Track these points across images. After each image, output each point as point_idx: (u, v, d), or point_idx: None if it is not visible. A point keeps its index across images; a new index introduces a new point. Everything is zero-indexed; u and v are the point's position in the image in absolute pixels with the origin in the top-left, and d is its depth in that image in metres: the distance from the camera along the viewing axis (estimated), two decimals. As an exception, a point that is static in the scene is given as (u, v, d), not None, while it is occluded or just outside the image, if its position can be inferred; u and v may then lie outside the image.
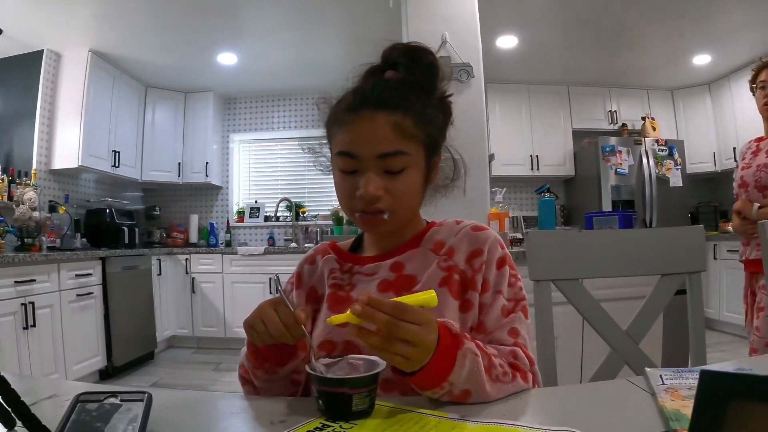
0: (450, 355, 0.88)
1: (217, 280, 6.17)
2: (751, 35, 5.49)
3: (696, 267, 1.54)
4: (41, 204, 5.04)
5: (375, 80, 1.14)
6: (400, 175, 1.07)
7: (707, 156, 6.96)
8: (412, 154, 1.08)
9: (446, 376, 0.87)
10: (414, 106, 1.08)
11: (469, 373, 0.89)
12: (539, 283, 1.48)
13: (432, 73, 1.14)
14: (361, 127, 1.06)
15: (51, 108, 5.43)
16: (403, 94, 1.08)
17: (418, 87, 1.11)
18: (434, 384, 0.88)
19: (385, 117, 1.05)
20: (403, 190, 1.08)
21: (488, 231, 1.19)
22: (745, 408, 0.46)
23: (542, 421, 0.84)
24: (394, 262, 1.17)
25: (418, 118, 1.08)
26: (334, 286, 1.19)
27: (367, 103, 1.07)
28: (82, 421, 0.74)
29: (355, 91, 1.12)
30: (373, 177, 1.05)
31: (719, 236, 6.16)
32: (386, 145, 1.05)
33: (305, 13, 4.95)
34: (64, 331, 4.24)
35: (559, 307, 1.51)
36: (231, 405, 0.98)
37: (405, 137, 1.06)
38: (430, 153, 1.14)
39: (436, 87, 1.15)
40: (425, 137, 1.10)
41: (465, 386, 0.90)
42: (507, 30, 5.40)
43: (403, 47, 1.15)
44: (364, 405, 0.84)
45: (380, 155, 1.05)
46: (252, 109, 7.41)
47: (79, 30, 5.10)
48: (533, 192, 7.06)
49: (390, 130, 1.05)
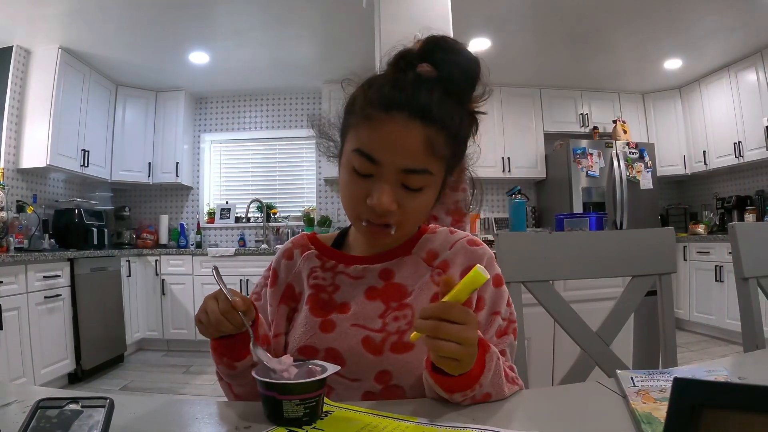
0: (481, 357, 0.88)
1: (187, 281, 6.10)
2: (722, 40, 5.58)
3: (666, 268, 1.55)
4: (9, 204, 4.95)
5: (414, 78, 1.00)
6: (418, 193, 1.00)
7: (677, 159, 7.07)
8: (435, 175, 1.00)
9: (478, 377, 0.87)
10: (450, 121, 0.99)
11: (493, 375, 0.90)
12: (510, 284, 1.46)
13: (472, 84, 1.04)
14: (391, 132, 0.96)
15: (19, 106, 5.32)
16: (443, 105, 0.98)
17: (454, 95, 1.01)
18: (466, 387, 0.87)
19: (419, 128, 0.95)
20: (416, 208, 1.02)
21: (484, 247, 1.16)
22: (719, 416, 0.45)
23: (512, 425, 0.83)
24: (384, 268, 1.13)
25: (451, 138, 1.00)
26: (316, 286, 1.14)
27: (404, 106, 0.96)
28: (42, 428, 0.72)
29: (390, 84, 1.00)
30: (389, 189, 0.97)
31: (689, 238, 6.25)
32: (413, 160, 0.96)
33: (277, 12, 4.92)
34: (32, 334, 4.15)
35: (529, 309, 1.51)
36: (196, 410, 0.95)
37: (434, 155, 0.97)
38: (449, 172, 1.07)
39: (470, 99, 1.06)
40: (451, 158, 1.03)
41: (488, 389, 0.91)
42: (480, 32, 5.42)
43: (449, 46, 1.03)
44: (297, 413, 0.82)
45: (404, 170, 0.97)
46: (223, 109, 7.35)
47: (50, 26, 5.00)
48: (504, 194, 7.10)
49: (421, 144, 0.96)
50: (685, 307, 6.24)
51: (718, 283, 5.69)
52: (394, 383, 1.02)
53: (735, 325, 5.26)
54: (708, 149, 6.66)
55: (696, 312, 6.11)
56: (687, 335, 6.05)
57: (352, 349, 1.04)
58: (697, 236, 6.22)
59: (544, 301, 1.49)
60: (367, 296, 1.10)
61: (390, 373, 1.02)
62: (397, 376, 1.02)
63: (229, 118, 7.34)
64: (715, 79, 6.48)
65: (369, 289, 1.11)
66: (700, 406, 0.46)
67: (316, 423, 0.83)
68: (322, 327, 1.07)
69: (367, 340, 1.04)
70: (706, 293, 5.92)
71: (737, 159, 6.15)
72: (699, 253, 6.03)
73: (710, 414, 0.45)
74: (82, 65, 5.79)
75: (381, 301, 1.08)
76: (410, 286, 1.10)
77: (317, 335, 1.06)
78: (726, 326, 5.59)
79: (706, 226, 6.52)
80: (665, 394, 0.91)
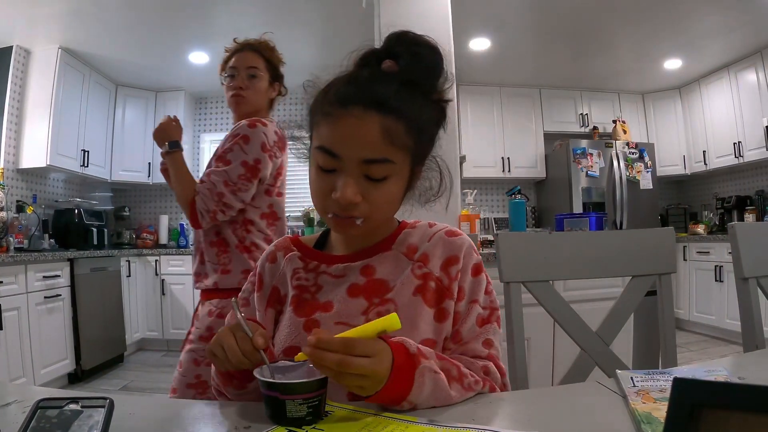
0: (407, 375, 0.86)
1: (187, 281, 6.06)
2: (722, 40, 5.59)
3: (666, 268, 1.55)
4: (8, 204, 4.95)
5: (371, 72, 1.03)
6: (382, 183, 1.00)
7: (677, 159, 7.08)
8: (398, 163, 1.00)
9: (405, 396, 0.86)
10: (409, 110, 0.99)
11: (431, 391, 0.89)
12: (510, 284, 1.47)
13: (434, 74, 1.05)
14: (348, 126, 0.97)
15: (19, 106, 5.32)
16: (400, 95, 0.99)
17: (415, 86, 1.02)
18: (394, 403, 0.87)
19: (375, 118, 0.96)
20: (382, 199, 1.02)
21: (463, 236, 1.16)
22: (719, 416, 0.45)
23: (512, 425, 0.83)
24: (365, 265, 1.12)
25: (410, 125, 0.99)
26: (299, 287, 1.14)
27: (359, 98, 0.97)
28: (42, 428, 0.72)
29: (348, 81, 1.02)
30: (352, 182, 0.98)
31: (689, 238, 6.26)
32: (372, 150, 0.97)
33: (277, 12, 4.92)
34: (32, 334, 4.15)
35: (529, 309, 1.50)
36: (195, 411, 0.95)
37: (393, 144, 0.98)
38: (416, 162, 1.07)
39: (435, 89, 1.06)
40: (414, 146, 1.02)
41: (430, 403, 0.90)
42: (480, 32, 5.42)
43: (409, 39, 1.05)
44: (300, 413, 0.81)
45: (364, 160, 0.97)
46: (223, 109, 7.32)
47: (50, 26, 5.00)
48: (504, 194, 7.11)
49: (379, 134, 0.96)
50: (685, 307, 6.24)
51: (718, 283, 5.69)
52: None
53: (735, 325, 5.25)
54: (708, 149, 6.66)
55: (696, 312, 6.12)
56: (687, 335, 6.06)
57: None
58: (697, 236, 6.22)
59: (544, 301, 1.48)
60: (349, 293, 1.09)
61: None
62: None
63: (229, 118, 7.30)
64: (715, 79, 6.48)
65: (351, 287, 1.10)
66: (700, 406, 0.46)
67: (317, 423, 0.82)
68: (306, 327, 1.07)
69: None
70: (706, 293, 5.92)
71: (737, 159, 6.15)
72: (699, 253, 6.04)
73: (710, 414, 0.45)
74: (82, 65, 5.78)
75: (363, 297, 1.08)
76: (392, 281, 1.09)
77: (301, 335, 1.06)
78: (726, 326, 5.60)
79: (706, 226, 6.53)
80: (665, 394, 0.91)
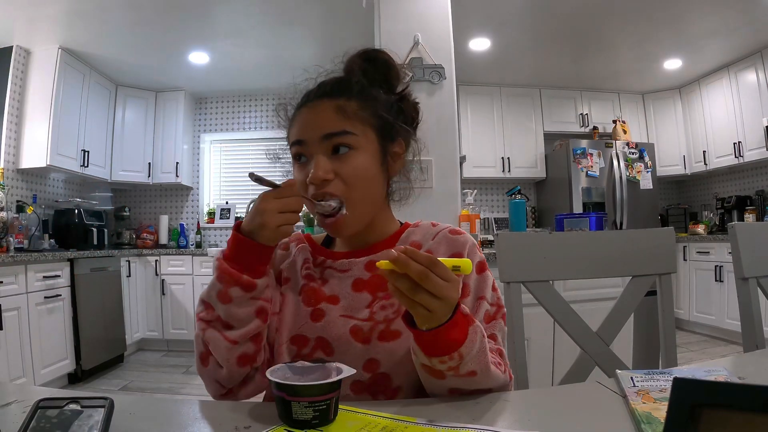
0: (463, 326, 0.87)
1: (187, 281, 6.10)
2: (722, 40, 5.58)
3: (666, 268, 1.55)
4: (8, 204, 4.95)
5: (328, 77, 1.19)
6: (348, 157, 1.07)
7: (677, 159, 7.07)
8: (358, 135, 1.08)
9: (458, 346, 0.87)
10: (360, 92, 1.12)
11: (478, 351, 0.90)
12: (510, 285, 1.47)
13: (388, 70, 1.19)
14: (307, 114, 1.11)
15: (19, 106, 5.31)
16: (347, 83, 1.14)
17: (376, 85, 1.16)
18: (444, 351, 0.87)
19: (327, 102, 1.09)
20: (352, 173, 1.07)
21: (465, 235, 1.18)
22: (719, 416, 0.45)
23: (512, 425, 0.83)
24: (369, 260, 1.15)
25: (362, 101, 1.11)
26: (307, 276, 1.17)
27: (314, 93, 1.13)
28: (42, 428, 0.72)
29: (309, 86, 1.18)
30: (322, 159, 1.07)
31: (689, 238, 6.25)
32: (329, 125, 1.07)
33: (277, 12, 4.92)
34: (32, 334, 4.15)
35: (529, 309, 1.50)
36: (195, 410, 0.95)
37: (348, 117, 1.08)
38: (384, 137, 1.14)
39: (393, 85, 1.20)
40: (374, 119, 1.11)
41: (473, 365, 0.90)
42: (479, 32, 5.42)
43: (358, 52, 1.21)
44: (306, 415, 0.80)
45: (324, 135, 1.07)
46: (223, 109, 7.35)
47: (50, 26, 5.00)
48: (504, 194, 7.11)
49: (333, 112, 1.08)
50: (685, 307, 6.24)
51: (717, 283, 5.69)
52: (381, 371, 1.03)
53: (735, 325, 5.26)
54: (708, 149, 6.66)
55: (696, 312, 6.11)
56: (687, 335, 6.06)
57: (341, 338, 1.06)
58: (697, 236, 6.22)
59: (544, 301, 1.48)
60: (354, 288, 1.12)
61: (378, 362, 1.03)
62: (384, 365, 1.03)
63: (229, 118, 7.34)
64: (714, 79, 6.48)
65: (356, 281, 1.13)
66: (700, 406, 0.46)
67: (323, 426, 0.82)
68: (313, 316, 1.10)
69: (356, 329, 1.06)
70: (705, 293, 5.92)
71: (737, 159, 6.15)
72: (699, 253, 6.03)
73: (710, 414, 0.45)
74: (82, 65, 5.78)
75: (368, 292, 1.11)
76: None
77: (308, 324, 1.09)
78: (726, 326, 5.60)
79: (706, 226, 6.53)
80: (665, 394, 0.91)
